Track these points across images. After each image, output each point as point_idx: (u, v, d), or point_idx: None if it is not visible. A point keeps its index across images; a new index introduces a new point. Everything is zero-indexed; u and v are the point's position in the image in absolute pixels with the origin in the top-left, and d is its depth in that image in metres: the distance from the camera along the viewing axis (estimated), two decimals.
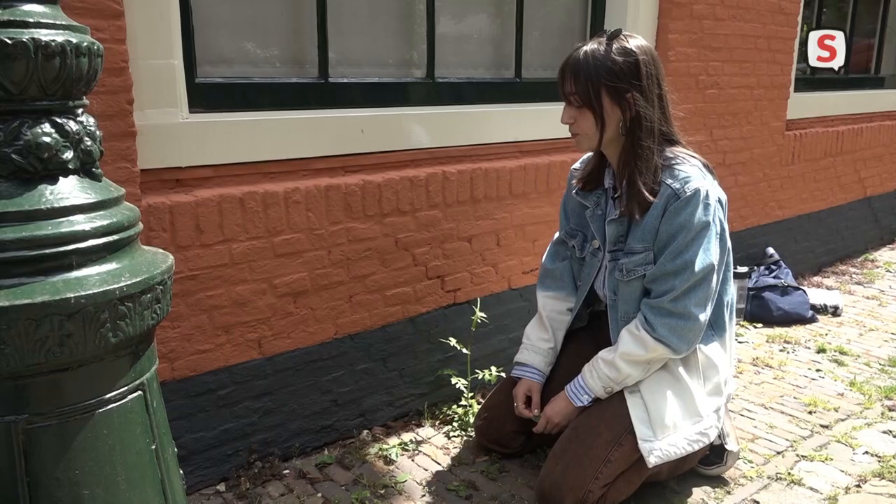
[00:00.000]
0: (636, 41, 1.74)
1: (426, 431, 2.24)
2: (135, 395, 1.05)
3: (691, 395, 1.79)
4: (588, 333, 2.08)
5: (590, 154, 1.93)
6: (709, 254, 1.70)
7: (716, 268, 1.72)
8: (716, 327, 1.86)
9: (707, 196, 1.70)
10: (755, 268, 3.45)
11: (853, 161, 4.15)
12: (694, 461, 1.92)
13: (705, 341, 1.83)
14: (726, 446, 1.94)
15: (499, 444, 2.07)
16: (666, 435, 1.74)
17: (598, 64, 1.70)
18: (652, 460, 1.73)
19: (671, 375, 1.80)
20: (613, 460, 1.73)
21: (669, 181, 1.72)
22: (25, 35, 0.91)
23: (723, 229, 1.76)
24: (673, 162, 1.74)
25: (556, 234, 2.12)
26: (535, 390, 2.00)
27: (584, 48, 1.73)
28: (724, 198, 1.78)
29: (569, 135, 1.83)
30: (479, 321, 2.28)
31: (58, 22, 0.96)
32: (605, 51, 1.71)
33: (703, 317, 1.73)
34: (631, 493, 1.81)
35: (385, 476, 1.98)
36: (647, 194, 1.72)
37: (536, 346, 2.05)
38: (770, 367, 2.78)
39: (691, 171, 1.72)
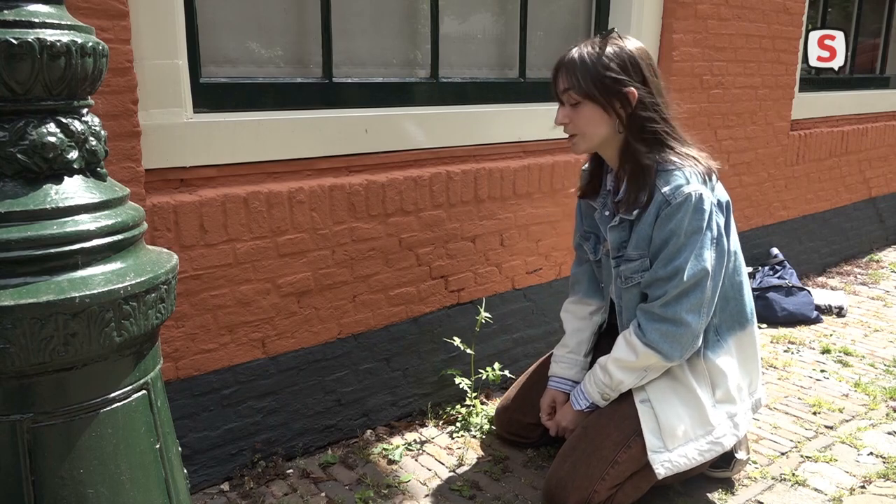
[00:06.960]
0: (630, 41, 1.73)
1: (430, 431, 2.24)
2: (139, 394, 1.05)
3: (701, 405, 1.76)
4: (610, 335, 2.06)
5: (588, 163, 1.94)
6: (701, 259, 1.67)
7: (710, 274, 1.68)
8: (723, 331, 1.82)
9: (699, 200, 1.65)
10: (759, 268, 3.44)
11: (858, 161, 4.14)
12: (704, 467, 1.89)
13: (712, 347, 1.79)
14: (736, 454, 1.92)
15: (519, 435, 2.13)
16: (676, 446, 1.73)
17: (593, 60, 1.68)
18: (661, 471, 1.71)
19: (680, 384, 1.77)
20: (621, 462, 1.72)
21: (662, 187, 1.68)
22: (31, 35, 0.91)
23: (720, 234, 1.72)
24: (669, 167, 1.70)
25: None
26: (558, 400, 2.00)
27: (577, 47, 1.73)
28: (724, 199, 1.75)
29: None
30: (483, 321, 2.28)
31: (63, 22, 0.96)
32: (599, 48, 1.70)
33: (697, 323, 1.69)
34: (638, 497, 1.80)
35: (388, 476, 1.98)
36: (644, 194, 1.69)
37: (557, 354, 2.05)
38: (774, 367, 2.77)
39: (684, 175, 1.68)
